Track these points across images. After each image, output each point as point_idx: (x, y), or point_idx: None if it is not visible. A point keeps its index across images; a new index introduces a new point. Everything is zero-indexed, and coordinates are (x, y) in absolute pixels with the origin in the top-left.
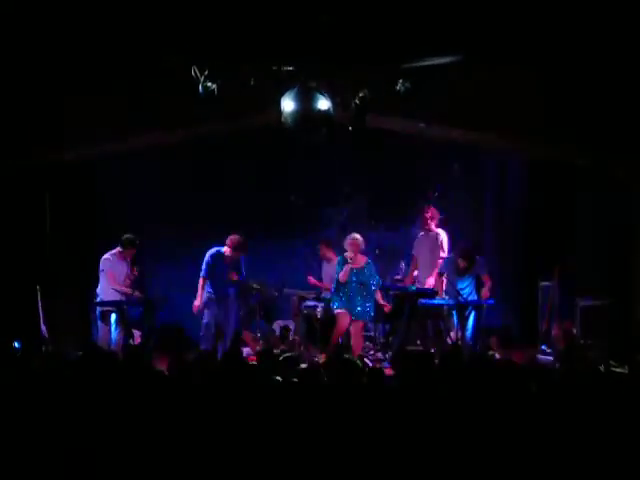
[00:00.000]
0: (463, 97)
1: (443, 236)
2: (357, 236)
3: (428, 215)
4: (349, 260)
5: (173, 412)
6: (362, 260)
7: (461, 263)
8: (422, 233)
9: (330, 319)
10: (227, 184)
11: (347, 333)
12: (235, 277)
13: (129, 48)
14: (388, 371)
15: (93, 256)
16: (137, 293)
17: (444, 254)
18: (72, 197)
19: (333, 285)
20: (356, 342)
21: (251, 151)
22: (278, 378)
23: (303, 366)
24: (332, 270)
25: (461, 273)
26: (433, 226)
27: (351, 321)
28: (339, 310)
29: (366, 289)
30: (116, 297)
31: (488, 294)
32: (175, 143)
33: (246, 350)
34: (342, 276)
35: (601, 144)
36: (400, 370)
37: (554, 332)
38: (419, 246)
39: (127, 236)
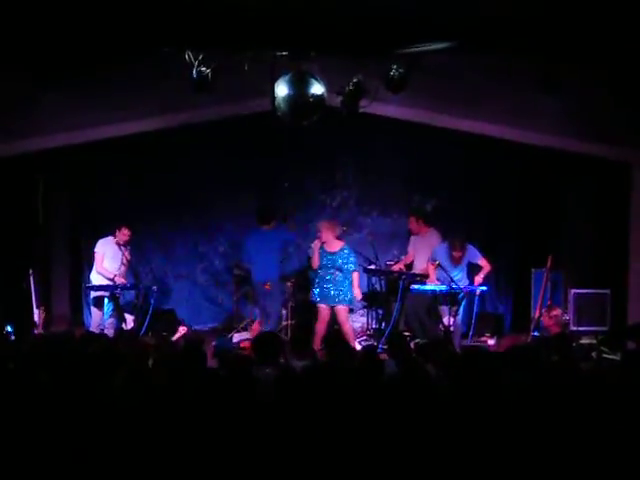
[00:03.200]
0: (458, 84)
1: (435, 236)
2: (330, 221)
3: (413, 225)
4: (321, 244)
5: (165, 397)
6: (337, 245)
7: (456, 254)
8: (417, 236)
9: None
10: (217, 170)
11: (334, 322)
12: None
13: (122, 34)
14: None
15: (86, 241)
16: (121, 279)
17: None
18: (65, 182)
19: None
20: (347, 328)
21: (242, 138)
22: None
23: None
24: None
25: (455, 262)
26: (423, 228)
27: (332, 308)
28: (320, 305)
29: (342, 274)
30: (107, 282)
31: (481, 280)
32: (167, 129)
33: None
34: (314, 261)
35: (596, 129)
36: (395, 355)
37: (544, 320)
38: (415, 245)
39: (120, 222)
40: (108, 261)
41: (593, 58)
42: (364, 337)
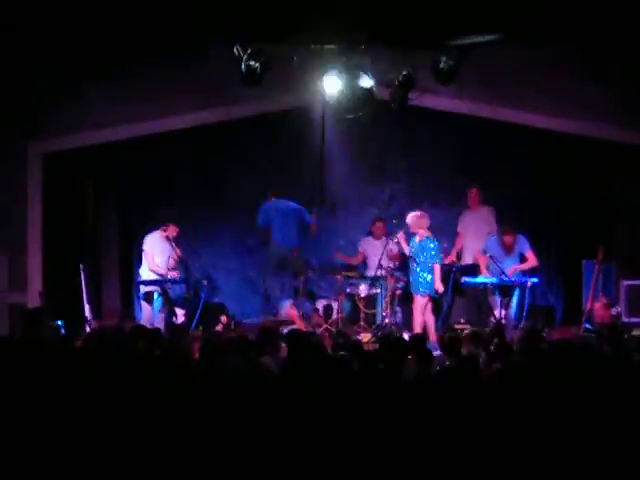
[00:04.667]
0: (506, 75)
1: (490, 214)
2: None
3: (473, 195)
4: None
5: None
6: (421, 235)
7: (507, 239)
8: (469, 211)
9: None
10: (266, 164)
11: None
12: None
13: (169, 27)
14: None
15: (136, 237)
16: (174, 274)
17: (493, 229)
18: (114, 178)
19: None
20: (419, 318)
21: (291, 131)
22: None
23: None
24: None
25: (507, 252)
26: (479, 203)
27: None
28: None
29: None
30: (158, 277)
31: (526, 268)
32: (215, 123)
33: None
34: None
35: None
36: (448, 349)
37: (596, 311)
38: (466, 223)
39: (168, 213)
40: (157, 257)
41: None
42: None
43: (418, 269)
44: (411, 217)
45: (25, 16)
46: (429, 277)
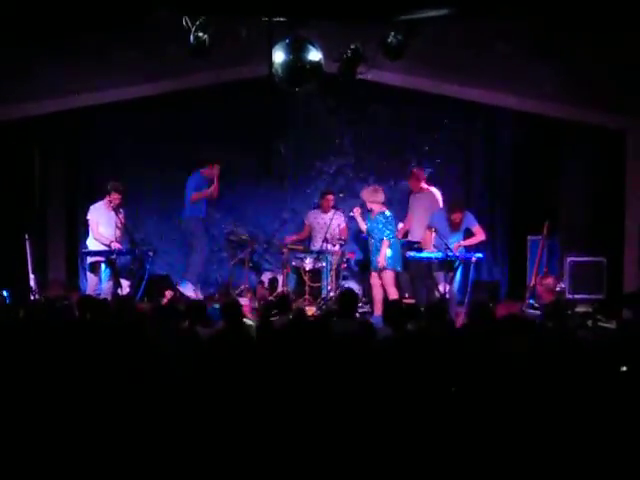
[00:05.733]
0: (455, 51)
1: (437, 194)
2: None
3: (415, 178)
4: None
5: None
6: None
7: (455, 217)
8: (416, 194)
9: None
10: (216, 136)
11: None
12: None
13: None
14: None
15: (82, 207)
16: (117, 245)
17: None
18: (61, 149)
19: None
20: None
21: (240, 103)
22: None
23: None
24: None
25: (454, 228)
26: (425, 185)
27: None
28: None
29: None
30: (104, 247)
31: (469, 245)
32: (163, 94)
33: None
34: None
35: (591, 97)
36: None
37: (539, 287)
38: (414, 205)
39: (112, 182)
40: (103, 227)
41: (590, 25)
42: (360, 304)
43: (375, 244)
44: (366, 192)
45: None
46: (389, 252)
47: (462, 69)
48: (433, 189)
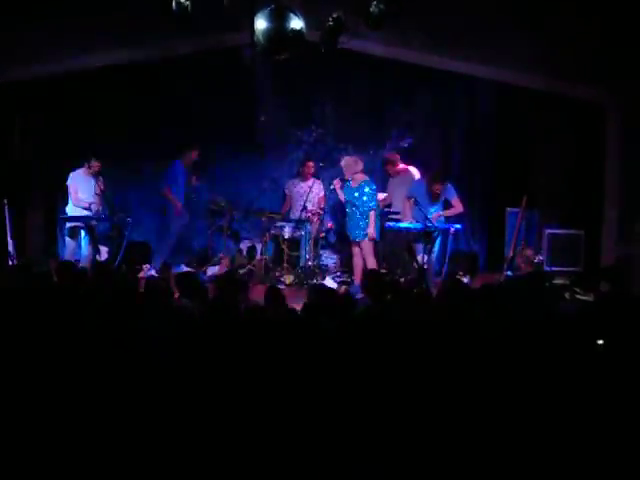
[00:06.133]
0: (434, 22)
1: (415, 172)
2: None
3: (390, 163)
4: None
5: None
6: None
7: (436, 188)
8: (394, 178)
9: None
10: (195, 104)
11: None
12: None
13: None
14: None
15: (62, 172)
16: (95, 207)
17: None
18: (41, 114)
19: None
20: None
21: (221, 70)
22: None
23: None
24: None
25: (434, 199)
26: (401, 167)
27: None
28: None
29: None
30: (83, 213)
31: (451, 214)
32: (143, 61)
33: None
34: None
35: (573, 70)
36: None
37: (518, 259)
38: (395, 191)
39: (91, 149)
40: (82, 193)
41: None
42: (338, 273)
43: (357, 214)
44: (345, 162)
45: None
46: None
47: (443, 40)
48: (411, 168)
